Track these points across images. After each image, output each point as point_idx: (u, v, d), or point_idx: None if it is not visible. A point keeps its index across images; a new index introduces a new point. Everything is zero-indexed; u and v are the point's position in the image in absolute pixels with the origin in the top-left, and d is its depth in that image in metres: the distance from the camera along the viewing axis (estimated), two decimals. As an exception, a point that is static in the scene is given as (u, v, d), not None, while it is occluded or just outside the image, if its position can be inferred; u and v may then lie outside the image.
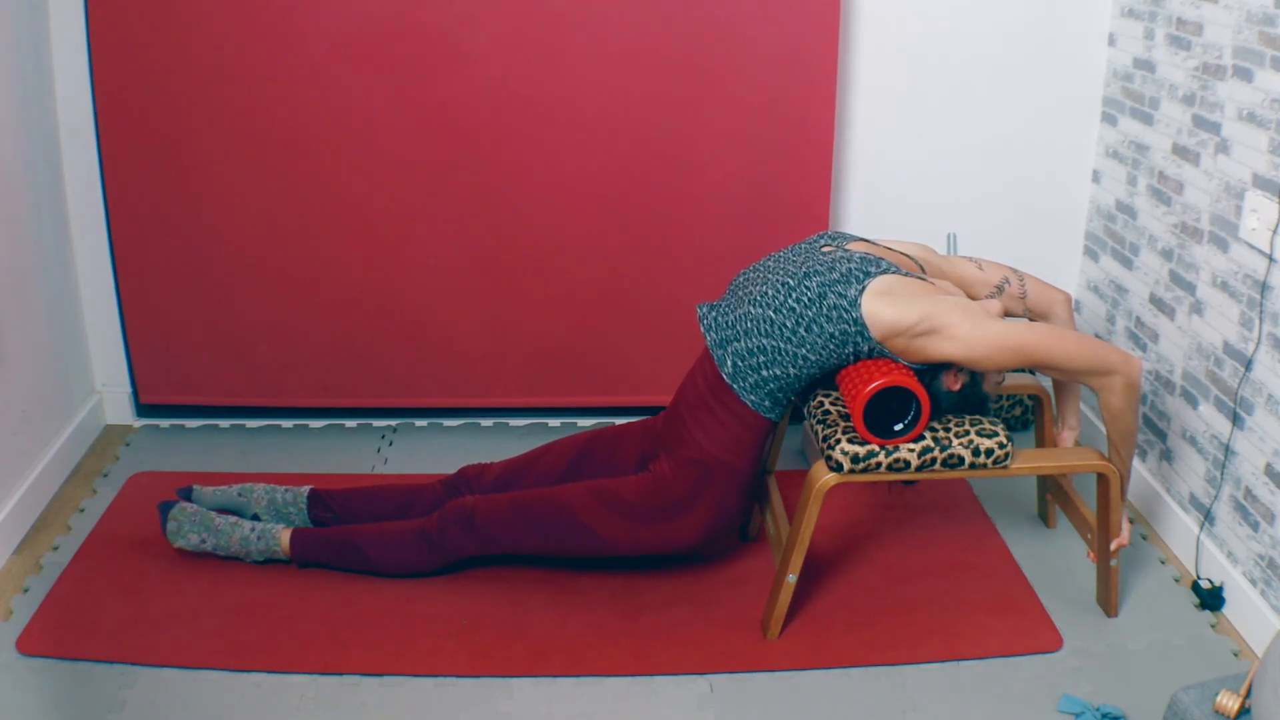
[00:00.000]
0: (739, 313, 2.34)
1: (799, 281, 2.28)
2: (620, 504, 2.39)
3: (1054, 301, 2.52)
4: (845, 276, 2.25)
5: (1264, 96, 2.33)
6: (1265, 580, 2.37)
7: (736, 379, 2.32)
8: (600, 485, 2.42)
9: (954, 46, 3.02)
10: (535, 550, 2.48)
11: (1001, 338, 2.20)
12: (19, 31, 2.73)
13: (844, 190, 3.13)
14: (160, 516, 2.58)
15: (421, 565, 2.51)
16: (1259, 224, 2.34)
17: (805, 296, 2.26)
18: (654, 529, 2.39)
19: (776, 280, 2.31)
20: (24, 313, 2.78)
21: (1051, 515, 2.79)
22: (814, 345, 2.26)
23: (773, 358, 2.29)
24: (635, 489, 2.39)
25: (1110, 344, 2.35)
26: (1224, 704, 1.80)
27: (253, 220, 2.98)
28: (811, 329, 2.25)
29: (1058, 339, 2.24)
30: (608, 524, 2.40)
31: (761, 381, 2.31)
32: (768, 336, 2.28)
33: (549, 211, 3.01)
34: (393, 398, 3.20)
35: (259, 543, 2.53)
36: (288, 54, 2.84)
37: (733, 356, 2.32)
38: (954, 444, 2.24)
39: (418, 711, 2.18)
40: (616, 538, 2.41)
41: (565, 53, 2.87)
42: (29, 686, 2.20)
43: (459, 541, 2.47)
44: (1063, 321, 2.52)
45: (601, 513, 2.39)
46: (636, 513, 2.39)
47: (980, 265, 2.53)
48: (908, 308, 2.21)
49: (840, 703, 2.22)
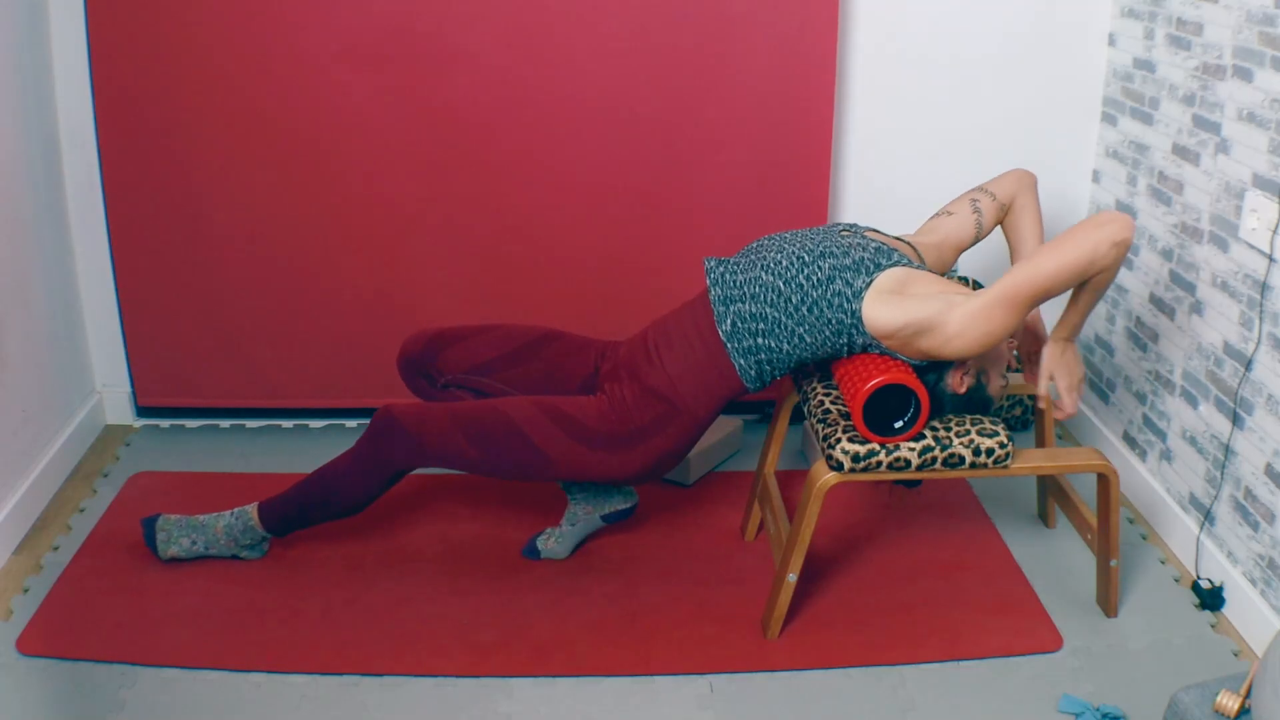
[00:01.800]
0: (750, 275, 2.33)
1: (814, 259, 2.27)
2: (570, 423, 2.35)
3: (1020, 186, 2.50)
4: (857, 265, 2.25)
5: (1264, 96, 2.33)
6: (1265, 580, 2.37)
7: (732, 339, 2.31)
8: (550, 402, 2.38)
9: (954, 45, 3.02)
10: (473, 463, 2.38)
11: (987, 304, 2.13)
12: (19, 33, 2.73)
13: (842, 188, 3.13)
14: (145, 533, 2.55)
15: (370, 487, 2.44)
16: (1259, 224, 2.34)
17: (816, 276, 2.25)
18: (600, 454, 2.35)
19: (792, 252, 2.31)
20: (24, 313, 2.78)
21: (1051, 515, 2.79)
22: (812, 326, 2.26)
23: (771, 328, 2.29)
24: (591, 411, 2.36)
25: (1088, 223, 2.10)
26: (1224, 704, 1.80)
27: (252, 220, 2.98)
28: (814, 310, 2.25)
29: (1035, 267, 2.10)
30: (555, 441, 2.34)
31: (755, 348, 2.30)
32: (772, 306, 2.28)
33: (548, 211, 3.01)
34: (392, 398, 3.19)
35: (238, 524, 2.52)
36: (287, 54, 2.84)
37: (734, 316, 2.32)
38: (955, 443, 2.24)
39: (418, 711, 2.18)
40: (561, 457, 2.35)
41: (564, 52, 2.87)
42: (29, 686, 2.20)
43: (394, 452, 2.39)
44: (1032, 205, 2.49)
45: (551, 430, 2.34)
46: (586, 436, 2.35)
47: (950, 212, 2.52)
48: (903, 310, 2.19)
49: (840, 703, 2.22)
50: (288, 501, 2.51)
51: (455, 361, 2.54)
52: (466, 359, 2.54)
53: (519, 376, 2.53)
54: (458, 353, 2.54)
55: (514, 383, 2.52)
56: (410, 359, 2.55)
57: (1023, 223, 2.52)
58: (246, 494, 2.85)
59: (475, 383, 2.54)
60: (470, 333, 2.57)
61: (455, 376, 2.54)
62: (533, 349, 2.53)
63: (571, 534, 2.63)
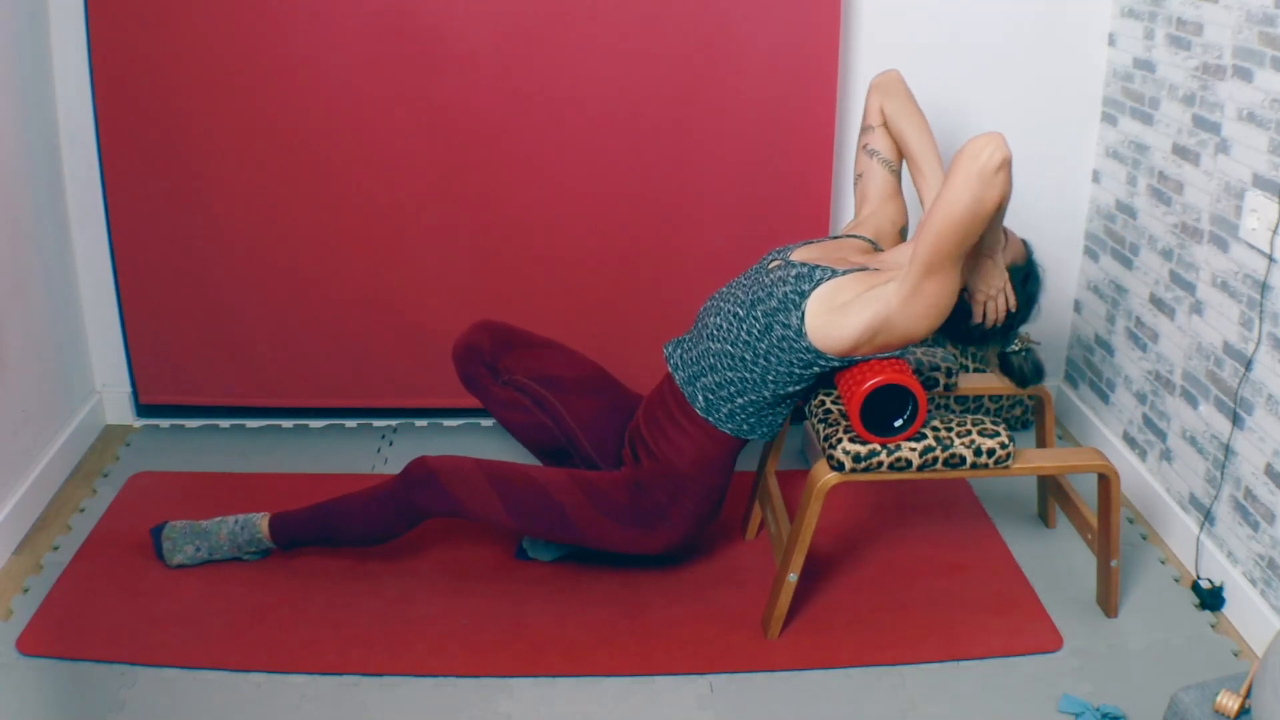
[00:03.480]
0: (701, 349, 2.34)
1: (747, 311, 2.27)
2: (602, 499, 2.38)
3: (883, 97, 2.48)
4: (784, 302, 2.22)
5: (1264, 96, 2.33)
6: (1265, 580, 2.37)
7: (710, 411, 2.34)
8: (584, 477, 2.41)
9: (954, 45, 3.02)
10: (505, 524, 2.40)
11: (913, 285, 2.11)
12: (19, 32, 2.73)
13: (844, 188, 3.13)
14: (154, 543, 2.55)
15: (393, 528, 2.43)
16: (1259, 224, 2.34)
17: (755, 328, 2.25)
18: (630, 531, 2.38)
19: (727, 310, 2.31)
20: (24, 313, 2.78)
21: (1051, 515, 2.79)
22: (779, 372, 2.26)
23: (742, 388, 2.30)
24: (616, 487, 2.39)
25: (963, 159, 2.00)
26: (1224, 704, 1.80)
27: (253, 220, 2.98)
28: (770, 358, 2.25)
29: (933, 230, 2.05)
30: (587, 516, 2.37)
31: (737, 409, 2.32)
32: (732, 370, 2.29)
33: (549, 211, 3.01)
34: (393, 398, 3.20)
35: (243, 534, 2.52)
36: (287, 54, 2.84)
37: (703, 391, 2.34)
38: (956, 443, 2.24)
39: (418, 711, 2.18)
40: (592, 531, 2.39)
41: (565, 51, 2.87)
42: (29, 686, 2.20)
43: (426, 501, 2.39)
44: (901, 107, 2.46)
45: (584, 504, 2.37)
46: (616, 512, 2.38)
47: (859, 174, 2.53)
48: (847, 326, 2.18)
49: (840, 703, 2.22)
50: (303, 522, 2.50)
51: (524, 365, 2.56)
52: (537, 367, 2.57)
53: (577, 404, 2.56)
54: (527, 359, 2.57)
55: (571, 408, 2.56)
56: (476, 348, 2.56)
57: (904, 130, 2.46)
58: (246, 493, 2.86)
59: (538, 392, 2.56)
60: (537, 342, 2.60)
61: (521, 380, 2.56)
62: (595, 384, 2.57)
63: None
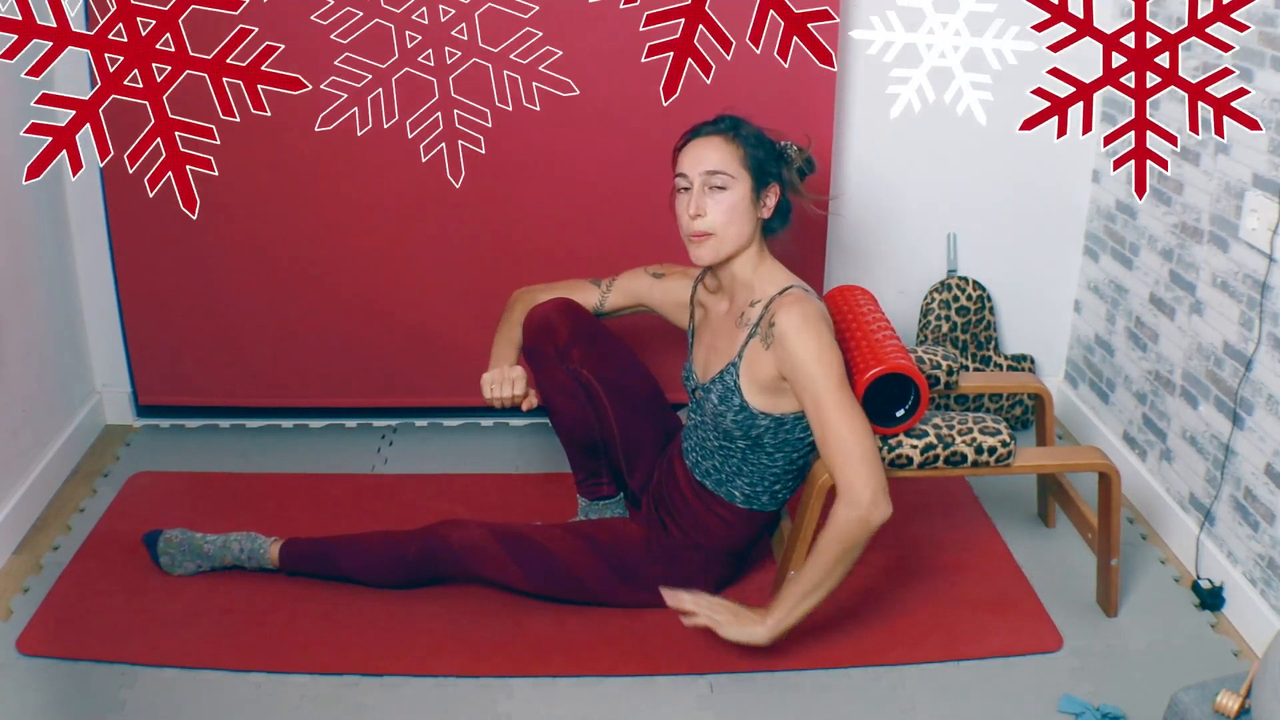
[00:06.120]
0: (708, 464, 2.41)
1: (726, 447, 2.36)
2: (622, 568, 2.40)
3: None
4: (736, 422, 2.30)
5: (1264, 96, 2.33)
6: (1265, 580, 2.37)
7: (733, 496, 2.39)
8: (602, 541, 2.42)
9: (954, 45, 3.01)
10: (524, 589, 2.42)
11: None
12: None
13: (843, 188, 3.12)
14: (149, 551, 2.53)
15: (403, 583, 2.46)
16: (1259, 224, 2.34)
17: (743, 449, 2.35)
18: (652, 596, 2.34)
19: (710, 450, 2.41)
20: (24, 313, 2.78)
21: (1051, 515, 2.79)
22: (758, 462, 2.35)
23: (761, 474, 2.37)
24: (644, 560, 2.41)
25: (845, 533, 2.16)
26: (1224, 704, 1.80)
27: (253, 220, 2.98)
28: (762, 443, 2.33)
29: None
30: (605, 583, 2.41)
31: (761, 490, 2.38)
32: (739, 467, 2.37)
33: (549, 211, 3.01)
34: (393, 398, 3.20)
35: (250, 561, 2.50)
36: (287, 53, 2.83)
37: (731, 487, 2.39)
38: (957, 441, 2.24)
39: (418, 711, 2.18)
40: (610, 595, 2.42)
41: (565, 50, 2.86)
42: (29, 686, 2.20)
43: (444, 571, 2.43)
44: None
45: (600, 570, 2.40)
46: (638, 580, 2.40)
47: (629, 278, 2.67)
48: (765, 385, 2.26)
49: (840, 703, 2.22)
50: (313, 559, 2.49)
51: (592, 362, 2.56)
52: (604, 367, 2.57)
53: (627, 417, 2.58)
54: (594, 357, 2.56)
55: (620, 418, 2.57)
56: (551, 328, 2.55)
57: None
58: (246, 494, 2.86)
59: (596, 391, 2.56)
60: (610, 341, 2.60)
61: (586, 375, 2.56)
62: (649, 403, 2.61)
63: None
